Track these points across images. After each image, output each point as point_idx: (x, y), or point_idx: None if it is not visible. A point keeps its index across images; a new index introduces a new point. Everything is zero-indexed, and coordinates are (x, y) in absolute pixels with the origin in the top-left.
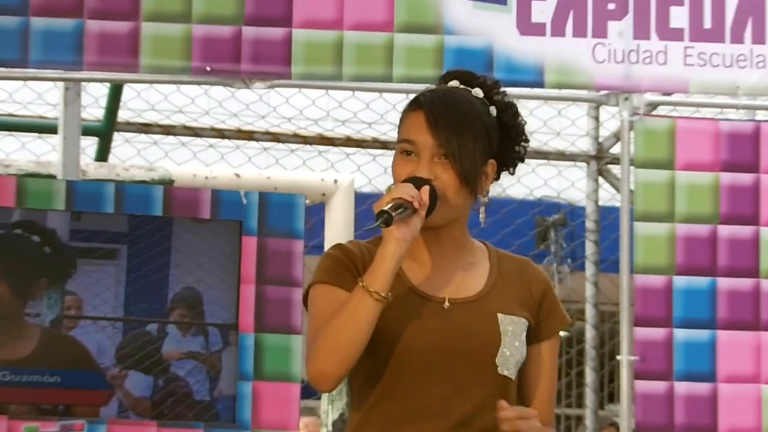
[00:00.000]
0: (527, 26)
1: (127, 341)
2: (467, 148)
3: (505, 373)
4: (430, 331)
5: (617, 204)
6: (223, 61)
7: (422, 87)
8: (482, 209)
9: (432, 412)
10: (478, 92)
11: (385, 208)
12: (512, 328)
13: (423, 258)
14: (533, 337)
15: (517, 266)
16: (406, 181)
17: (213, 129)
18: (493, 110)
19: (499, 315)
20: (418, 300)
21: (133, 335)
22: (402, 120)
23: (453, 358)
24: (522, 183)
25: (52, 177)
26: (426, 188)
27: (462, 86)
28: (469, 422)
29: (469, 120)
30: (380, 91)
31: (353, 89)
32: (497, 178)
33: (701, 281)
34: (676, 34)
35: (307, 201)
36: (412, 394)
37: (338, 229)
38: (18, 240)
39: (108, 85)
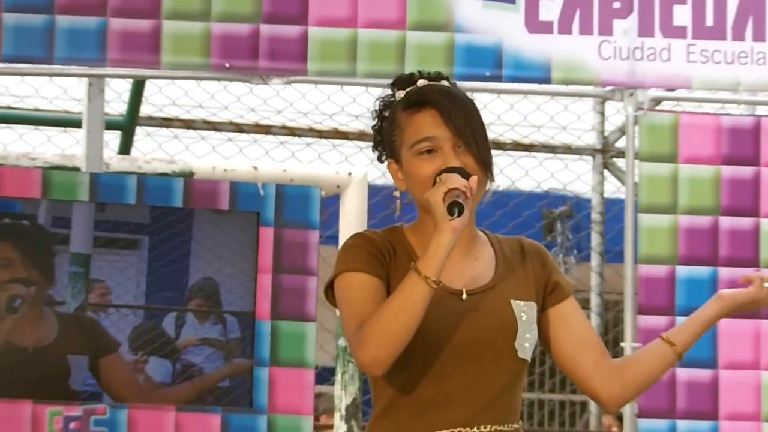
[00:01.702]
0: (535, 24)
1: (144, 329)
2: (481, 133)
3: (524, 356)
4: (452, 322)
5: (622, 196)
6: (241, 58)
7: None
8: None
9: (456, 398)
10: (446, 84)
11: (456, 199)
12: (526, 313)
13: None
14: (550, 301)
15: (517, 247)
16: (447, 171)
17: (231, 123)
18: None
19: (512, 301)
20: (438, 291)
21: (149, 324)
22: (406, 123)
23: (476, 347)
24: (530, 176)
25: (76, 169)
26: (475, 178)
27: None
28: (492, 406)
29: (472, 108)
30: None
31: (367, 85)
32: None
33: (703, 271)
34: (680, 32)
35: (322, 193)
36: (438, 381)
37: (352, 220)
38: (21, 228)
39: (130, 81)
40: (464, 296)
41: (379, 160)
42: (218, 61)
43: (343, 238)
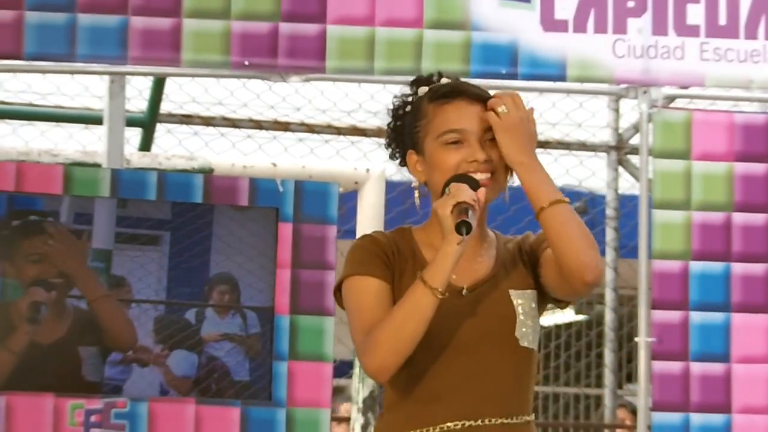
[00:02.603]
0: (550, 23)
1: (168, 321)
2: None
3: (526, 344)
4: (454, 318)
5: (636, 192)
6: (260, 56)
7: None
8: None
9: (460, 391)
10: None
11: (466, 218)
12: (525, 302)
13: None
14: (540, 251)
15: (517, 242)
16: (457, 180)
17: (251, 120)
18: None
19: (511, 291)
20: None
21: (170, 318)
22: (434, 113)
23: (478, 340)
24: None
25: (97, 166)
26: (483, 190)
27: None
28: (498, 398)
29: None
30: None
31: (384, 83)
32: None
33: (716, 266)
34: (693, 31)
35: (341, 189)
36: (442, 376)
37: (369, 215)
38: (46, 225)
39: (151, 78)
40: (464, 292)
41: (391, 157)
42: (238, 58)
43: (360, 233)
